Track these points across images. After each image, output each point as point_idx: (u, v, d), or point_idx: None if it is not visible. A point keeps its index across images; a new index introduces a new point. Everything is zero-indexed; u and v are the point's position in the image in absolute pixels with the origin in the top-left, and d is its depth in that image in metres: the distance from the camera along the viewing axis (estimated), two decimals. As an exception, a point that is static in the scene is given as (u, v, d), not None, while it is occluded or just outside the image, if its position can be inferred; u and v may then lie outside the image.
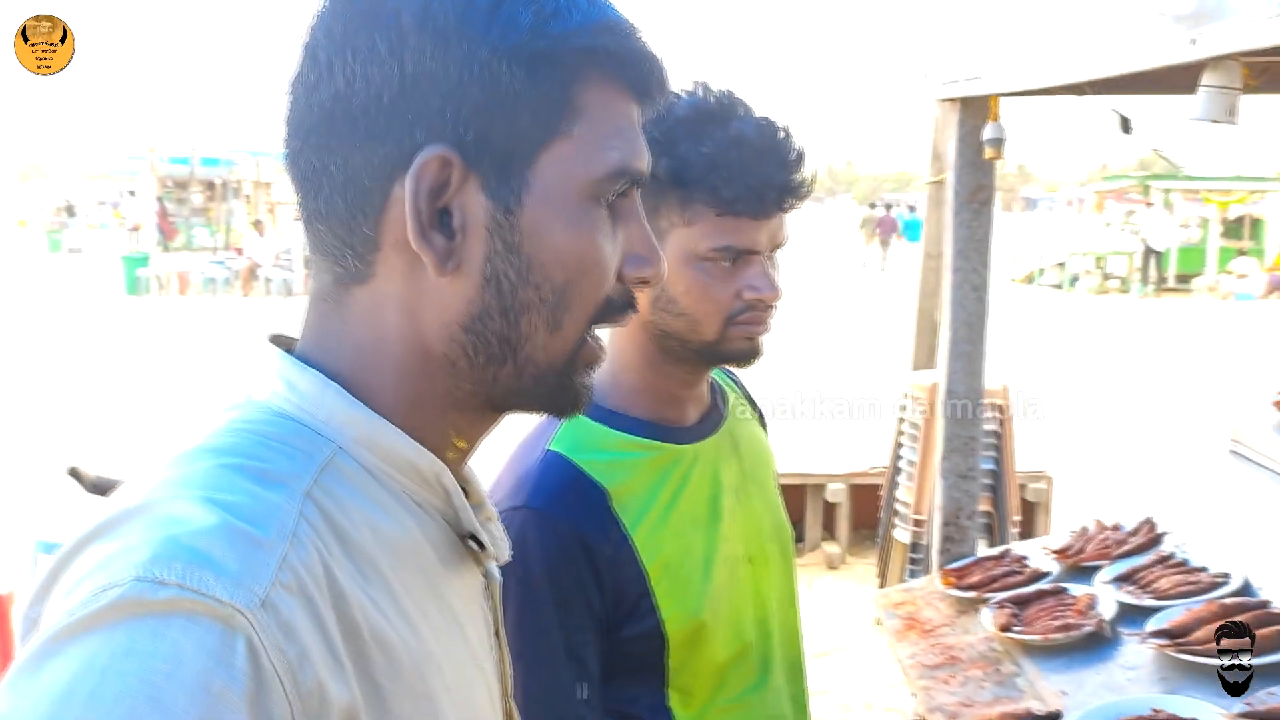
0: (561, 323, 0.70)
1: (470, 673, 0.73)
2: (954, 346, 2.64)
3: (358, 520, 0.65)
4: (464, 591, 0.75)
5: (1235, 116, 1.42)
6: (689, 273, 1.24)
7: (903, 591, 2.46)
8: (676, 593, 1.25)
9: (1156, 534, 2.34)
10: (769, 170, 1.22)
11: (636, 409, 1.30)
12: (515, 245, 0.67)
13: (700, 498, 1.31)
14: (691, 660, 1.27)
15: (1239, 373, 10.90)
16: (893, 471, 4.87)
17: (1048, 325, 15.36)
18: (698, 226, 1.22)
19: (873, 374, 10.59)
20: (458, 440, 0.73)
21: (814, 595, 5.36)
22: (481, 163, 0.66)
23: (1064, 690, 1.88)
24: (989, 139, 2.32)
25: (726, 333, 1.25)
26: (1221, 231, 20.89)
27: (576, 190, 0.68)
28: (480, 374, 0.70)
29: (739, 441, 1.39)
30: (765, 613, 1.36)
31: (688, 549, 1.27)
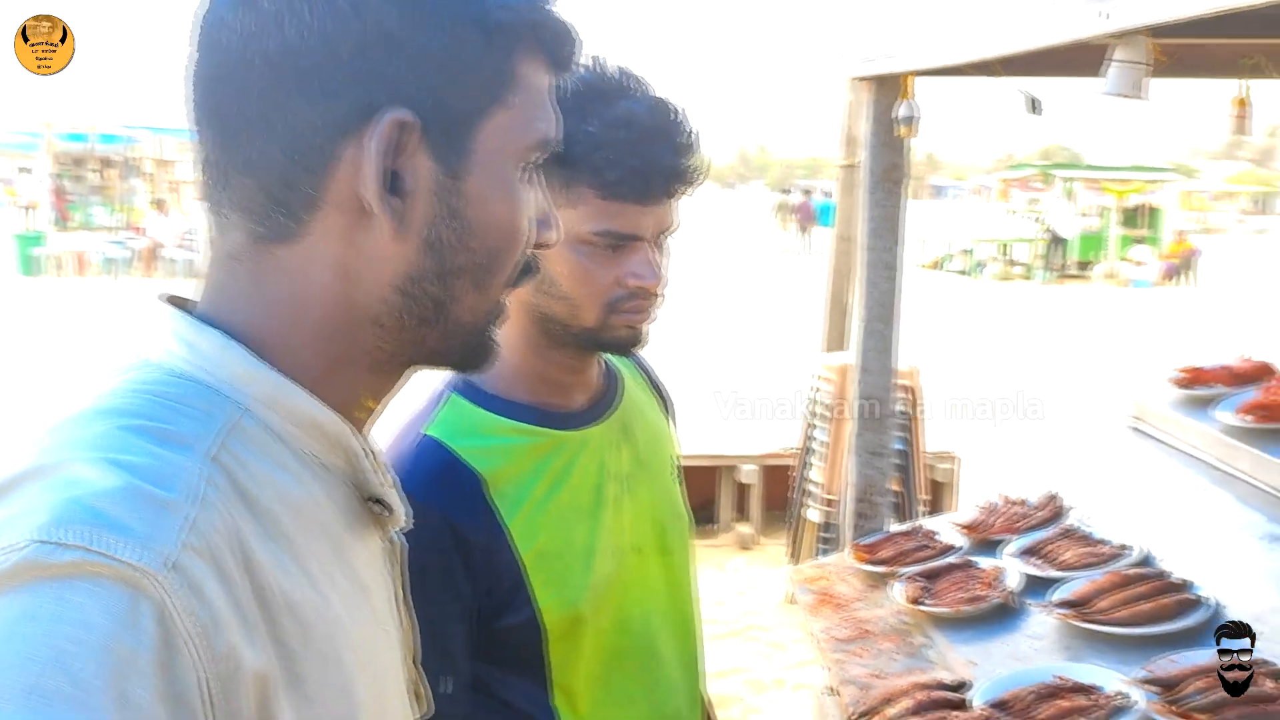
0: (487, 285, 0.71)
1: (376, 638, 0.71)
2: (867, 325, 2.67)
3: (263, 483, 0.63)
4: (368, 557, 0.73)
5: (1143, 92, 1.45)
6: (570, 255, 1.19)
7: (816, 567, 2.48)
8: (554, 583, 1.21)
9: (1061, 508, 2.40)
10: (656, 154, 1.17)
11: (519, 393, 1.26)
12: (458, 210, 0.68)
13: (584, 486, 1.26)
14: (573, 655, 1.23)
15: (1136, 354, 11.32)
16: (804, 452, 4.92)
17: (955, 310, 15.74)
18: (580, 208, 1.17)
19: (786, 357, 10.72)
20: (368, 400, 0.73)
21: (727, 576, 5.41)
22: (433, 127, 0.66)
23: (972, 660, 1.91)
24: (902, 117, 2.34)
25: (607, 320, 1.21)
26: (1120, 220, 21.66)
27: (511, 159, 0.70)
28: (408, 335, 0.70)
29: (633, 428, 1.35)
30: (655, 605, 1.32)
31: (568, 539, 1.23)
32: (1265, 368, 2.39)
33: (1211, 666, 1.67)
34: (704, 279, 19.07)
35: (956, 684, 1.80)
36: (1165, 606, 1.87)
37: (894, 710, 1.75)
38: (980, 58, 1.79)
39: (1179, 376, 2.45)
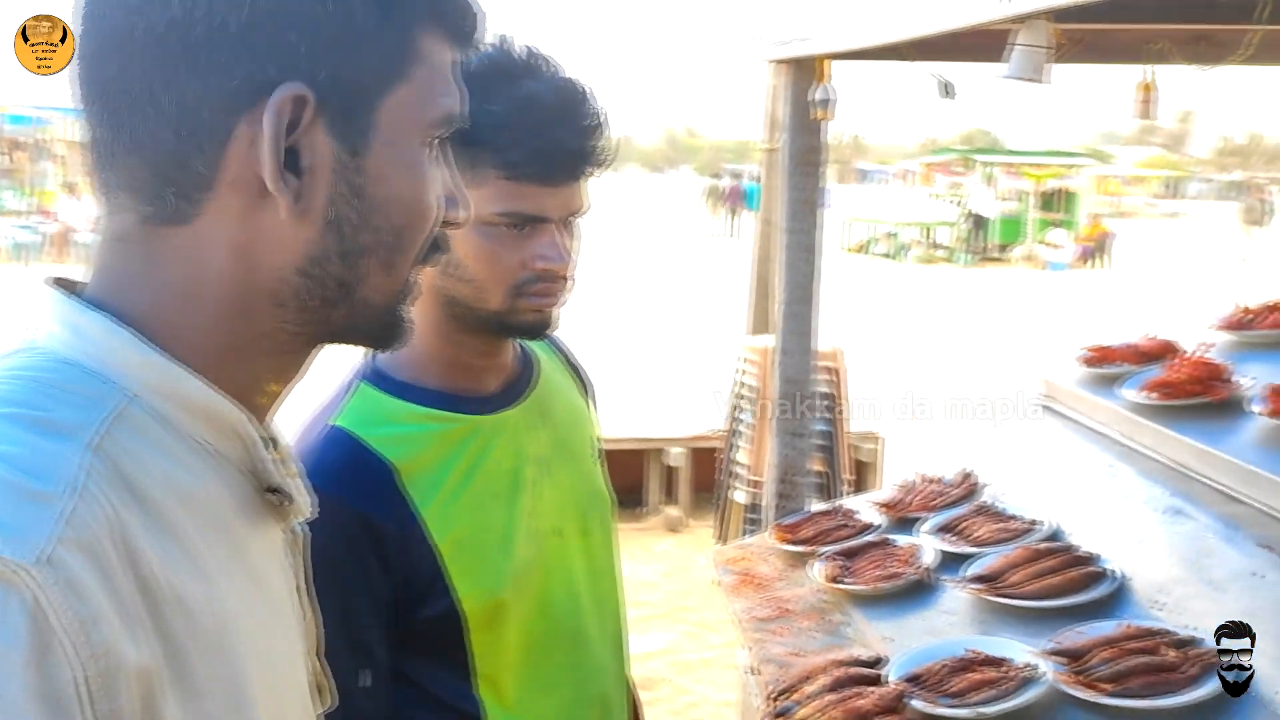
0: (395, 264, 0.70)
1: (273, 631, 0.70)
2: (787, 307, 2.69)
3: (152, 473, 0.60)
4: (266, 548, 0.72)
5: (1045, 76, 1.48)
6: (475, 237, 1.17)
7: (738, 548, 2.50)
8: (472, 571, 1.20)
9: (975, 485, 2.45)
10: (560, 135, 1.16)
11: (430, 379, 1.24)
12: (359, 188, 0.67)
13: (500, 471, 1.25)
14: (496, 643, 1.22)
15: (1052, 334, 11.62)
16: (730, 434, 4.96)
17: (879, 293, 15.99)
18: (484, 189, 1.15)
19: (714, 340, 10.79)
20: (271, 384, 0.71)
21: (655, 558, 5.44)
22: (331, 103, 0.64)
23: (889, 636, 1.94)
24: (818, 100, 2.36)
25: (514, 304, 1.20)
26: (1037, 204, 22.19)
27: (414, 135, 0.69)
28: (311, 316, 0.68)
29: (551, 411, 1.34)
30: (578, 588, 1.31)
31: (485, 525, 1.22)
32: (1168, 346, 2.46)
33: (1116, 637, 1.72)
34: (634, 263, 19.07)
35: (873, 660, 1.83)
36: (1073, 579, 1.92)
37: (811, 687, 1.77)
38: (890, 41, 1.81)
39: (1087, 355, 2.51)
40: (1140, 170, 50.79)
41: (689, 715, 3.90)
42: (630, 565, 5.28)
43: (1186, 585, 1.84)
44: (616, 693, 1.38)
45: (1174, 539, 1.94)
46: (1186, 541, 1.91)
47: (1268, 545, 1.77)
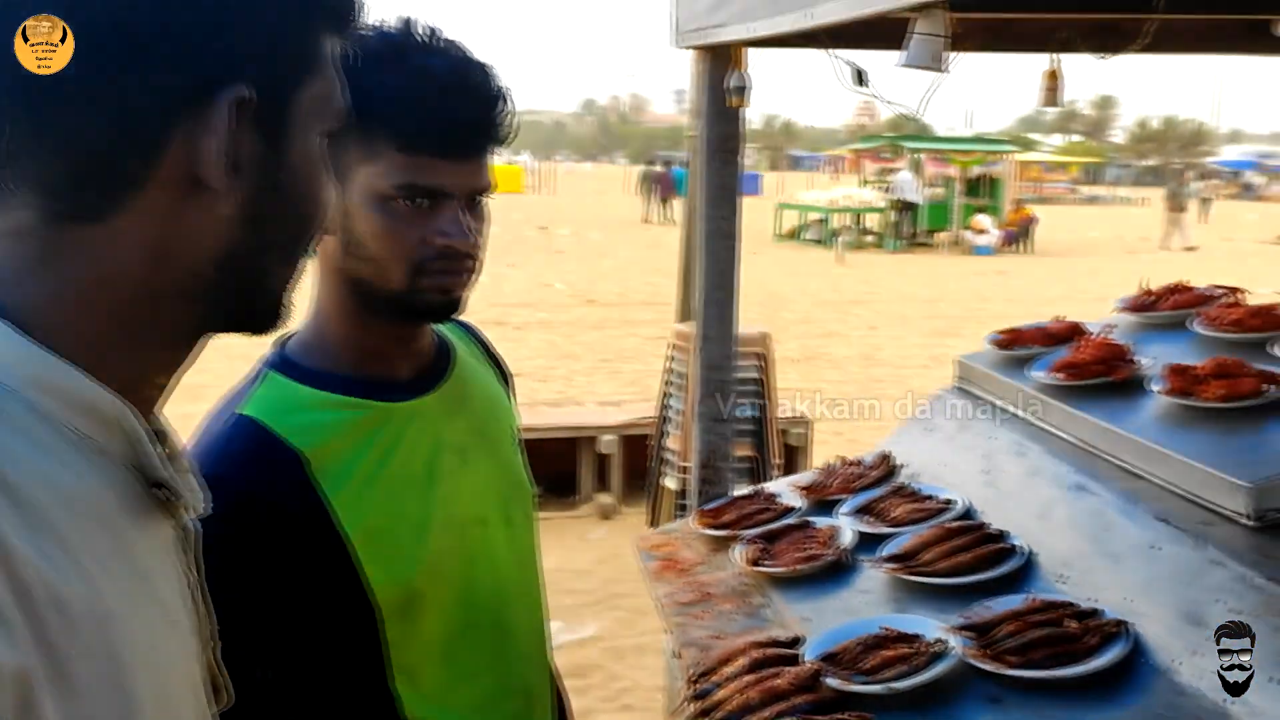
0: (296, 255, 0.73)
1: (161, 631, 0.68)
2: (707, 294, 2.72)
3: (27, 471, 0.59)
4: (154, 545, 0.70)
5: (942, 64, 1.51)
6: (374, 214, 1.16)
7: (661, 534, 2.53)
8: (385, 560, 1.18)
9: (893, 467, 2.50)
10: (455, 106, 1.14)
11: (340, 366, 1.22)
12: (279, 183, 0.69)
13: (416, 458, 1.23)
14: (412, 634, 1.21)
15: (975, 317, 11.87)
16: (660, 421, 4.99)
17: (810, 278, 16.16)
18: (380, 163, 1.14)
19: (646, 327, 10.82)
20: (159, 377, 0.70)
21: (588, 546, 5.45)
22: (261, 101, 0.65)
23: (806, 616, 1.98)
24: (732, 87, 2.38)
25: (416, 282, 1.18)
26: (963, 190, 22.59)
27: (319, 130, 0.71)
28: (216, 308, 0.69)
29: (469, 399, 1.33)
30: (501, 577, 1.31)
31: (399, 513, 1.20)
32: (1075, 328, 2.54)
33: (1022, 610, 1.78)
34: (570, 249, 19.01)
35: (791, 640, 1.86)
36: (983, 556, 1.98)
37: (730, 669, 1.79)
38: (801, 28, 1.84)
39: (998, 338, 2.58)
40: (1061, 156, 52.01)
41: (621, 701, 3.93)
42: (563, 553, 5.29)
43: (1089, 559, 1.90)
44: (540, 682, 1.38)
45: (1077, 515, 2.00)
46: (1089, 517, 1.98)
47: (1164, 518, 1.84)
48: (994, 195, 23.13)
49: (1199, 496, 1.85)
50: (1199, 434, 1.99)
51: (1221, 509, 1.80)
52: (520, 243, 19.97)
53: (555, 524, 5.69)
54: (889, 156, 24.45)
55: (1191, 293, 2.54)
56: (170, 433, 0.74)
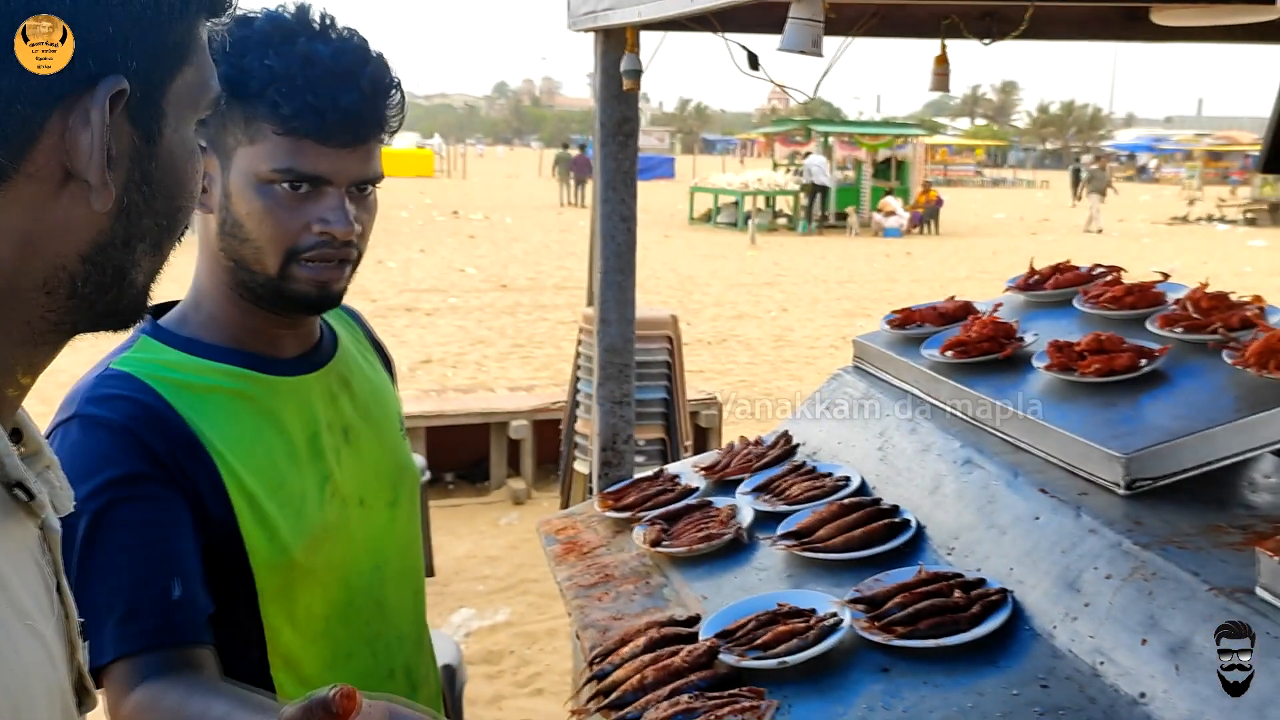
0: (165, 246, 0.72)
1: (16, 636, 0.66)
2: (605, 276, 2.72)
3: None
4: (10, 547, 0.68)
5: (819, 48, 1.54)
6: (253, 196, 1.15)
7: (564, 517, 2.53)
8: (264, 527, 1.18)
9: (791, 446, 2.54)
10: (338, 93, 1.14)
11: (218, 338, 1.22)
12: (150, 174, 0.67)
13: (297, 434, 1.24)
14: (290, 611, 1.20)
15: (880, 299, 12.11)
16: (571, 405, 4.99)
17: (722, 261, 16.29)
18: (259, 145, 1.14)
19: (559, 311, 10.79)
20: (22, 376, 0.68)
21: (500, 531, 5.43)
22: (132, 92, 0.64)
23: (705, 595, 2.00)
24: (626, 70, 2.38)
25: (291, 270, 1.17)
26: (872, 173, 22.98)
27: (191, 119, 0.70)
28: (80, 303, 0.67)
29: (351, 382, 1.33)
30: (382, 559, 1.31)
31: (279, 483, 1.20)
32: (966, 306, 2.60)
33: (911, 583, 1.82)
34: (481, 234, 18.83)
35: (688, 619, 1.88)
36: (875, 531, 2.02)
37: (628, 649, 1.81)
38: (683, 12, 1.85)
39: (893, 318, 2.63)
40: (967, 140, 53.24)
41: (533, 685, 3.93)
42: (475, 539, 5.26)
43: (975, 530, 1.96)
44: (421, 664, 1.39)
45: (965, 488, 2.06)
46: (976, 490, 2.04)
47: (1045, 490, 1.90)
48: (902, 178, 23.60)
49: (1077, 468, 1.92)
50: (1078, 407, 2.06)
51: (1098, 479, 1.87)
52: (431, 227, 19.72)
53: (467, 510, 5.66)
54: (800, 140, 24.72)
55: (1075, 272, 2.62)
56: (32, 429, 0.73)
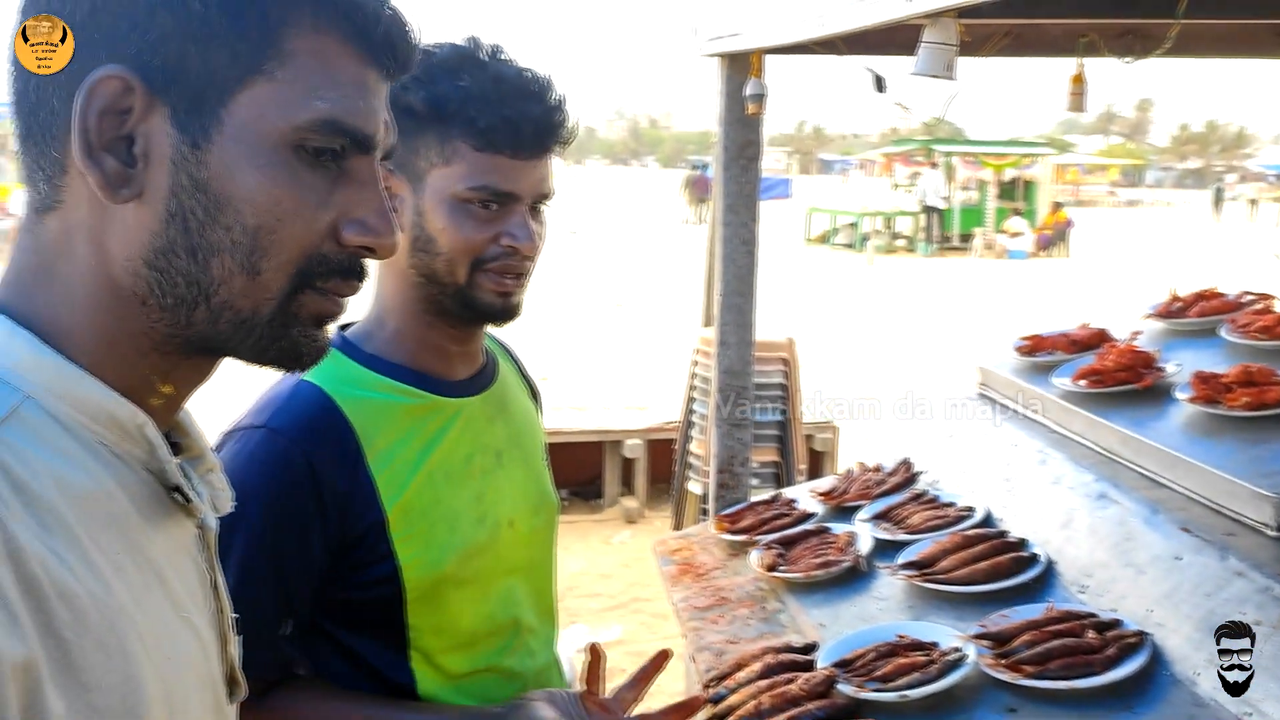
0: (260, 269, 0.68)
1: (174, 627, 0.70)
2: (725, 299, 2.71)
3: (40, 472, 0.61)
4: (169, 545, 0.72)
5: (952, 72, 1.50)
6: (448, 213, 1.23)
7: (680, 538, 2.52)
8: (418, 541, 1.23)
9: (912, 474, 2.48)
10: (527, 106, 1.21)
11: (398, 355, 1.29)
12: (203, 182, 0.66)
13: (458, 453, 1.29)
14: (435, 620, 1.25)
15: (1006, 322, 11.76)
16: (685, 425, 4.98)
17: (839, 283, 16.08)
18: (456, 165, 1.21)
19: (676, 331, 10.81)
20: (163, 386, 0.70)
21: (613, 550, 5.45)
22: (170, 92, 0.65)
23: (822, 623, 1.97)
24: (750, 95, 2.38)
25: (477, 279, 1.24)
26: (997, 193, 22.38)
27: (275, 135, 0.67)
28: (172, 315, 0.68)
29: (508, 407, 1.39)
30: (521, 579, 1.36)
31: (435, 500, 1.25)
32: (1101, 334, 2.51)
33: (1040, 620, 1.76)
34: (608, 253, 19.05)
35: (805, 646, 1.86)
36: (1001, 564, 1.96)
37: (744, 674, 1.79)
38: (812, 36, 1.83)
39: (1021, 344, 2.55)
40: (1100, 159, 51.41)
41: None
42: (588, 557, 5.30)
43: (1110, 568, 1.88)
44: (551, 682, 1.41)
45: (1099, 523, 1.98)
46: (1111, 526, 1.95)
47: (1187, 528, 1.81)
48: (1029, 198, 22.90)
49: (1223, 506, 1.83)
50: (1224, 443, 1.96)
51: (1246, 519, 1.78)
52: (550, 246, 20.00)
53: (580, 527, 5.71)
54: (921, 160, 24.26)
55: (1221, 299, 2.50)
56: (196, 434, 0.77)
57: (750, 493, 2.95)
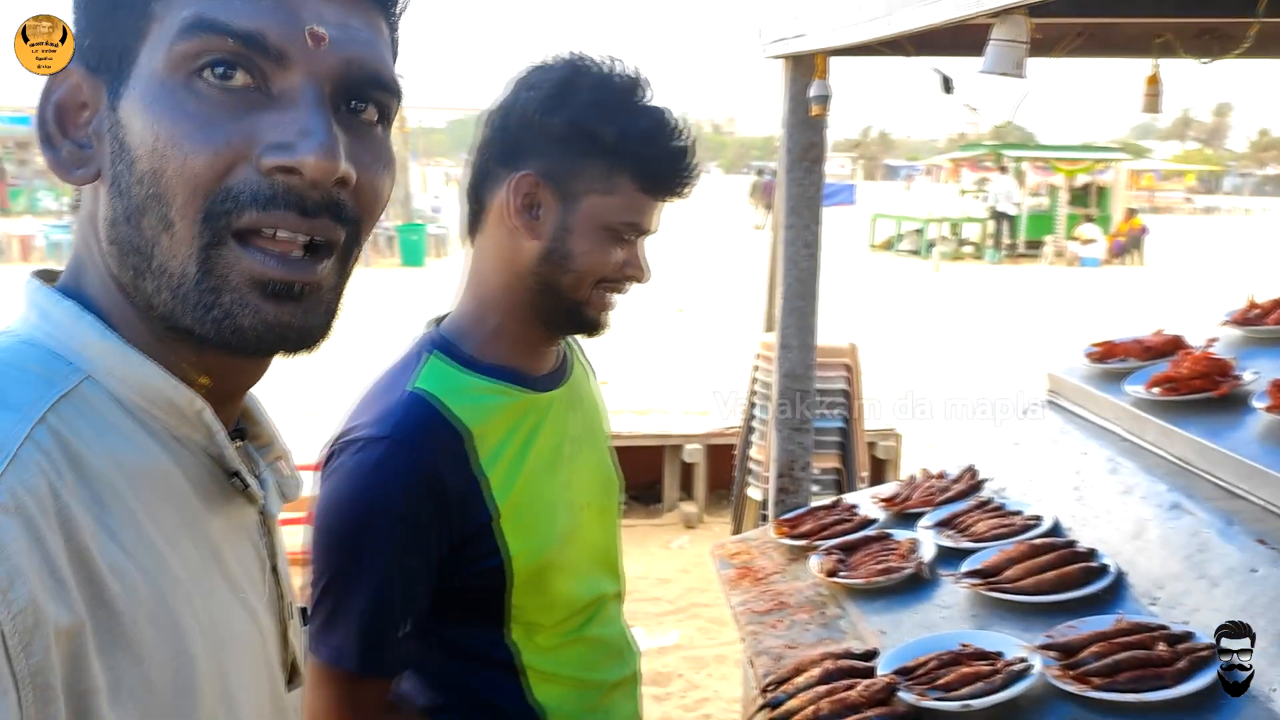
0: (171, 220, 0.64)
1: (230, 607, 0.71)
2: (787, 302, 2.69)
3: (98, 449, 0.63)
4: (228, 528, 0.73)
5: (1022, 70, 1.47)
6: (595, 238, 1.29)
7: (738, 542, 2.51)
8: (524, 532, 1.29)
9: (977, 481, 2.44)
10: (683, 157, 1.30)
11: (495, 354, 1.34)
12: (122, 141, 0.65)
13: (549, 444, 1.36)
14: (534, 600, 1.33)
15: (1074, 331, 11.50)
16: (745, 430, 4.96)
17: (903, 290, 15.88)
18: (616, 198, 1.28)
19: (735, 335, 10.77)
20: (199, 377, 0.70)
21: (672, 554, 5.44)
22: (101, 69, 0.66)
23: (883, 630, 1.94)
24: (814, 96, 2.36)
25: (592, 295, 1.32)
26: (1069, 199, 21.92)
27: (162, 69, 0.64)
28: (136, 292, 0.67)
29: (580, 395, 1.46)
30: (600, 557, 1.45)
31: (538, 492, 1.32)
32: (1176, 341, 2.44)
33: (1109, 632, 1.71)
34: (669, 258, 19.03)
35: (865, 653, 1.83)
36: (1069, 574, 1.91)
37: (803, 679, 1.78)
38: (878, 36, 1.82)
39: (1092, 351, 2.50)
40: (1176, 165, 50.11)
41: (701, 711, 3.91)
42: (647, 560, 5.29)
43: (1183, 580, 1.83)
44: (631, 652, 1.51)
45: (1172, 534, 1.93)
46: (1185, 537, 1.90)
47: (1264, 540, 1.76)
48: (1102, 205, 22.40)
49: (1302, 518, 1.77)
50: (1304, 453, 1.89)
51: (1326, 532, 1.72)
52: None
53: (639, 531, 5.71)
54: (990, 165, 23.87)
55: (1301, 306, 2.42)
56: (265, 422, 0.78)
57: (810, 499, 2.92)
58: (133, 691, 0.60)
